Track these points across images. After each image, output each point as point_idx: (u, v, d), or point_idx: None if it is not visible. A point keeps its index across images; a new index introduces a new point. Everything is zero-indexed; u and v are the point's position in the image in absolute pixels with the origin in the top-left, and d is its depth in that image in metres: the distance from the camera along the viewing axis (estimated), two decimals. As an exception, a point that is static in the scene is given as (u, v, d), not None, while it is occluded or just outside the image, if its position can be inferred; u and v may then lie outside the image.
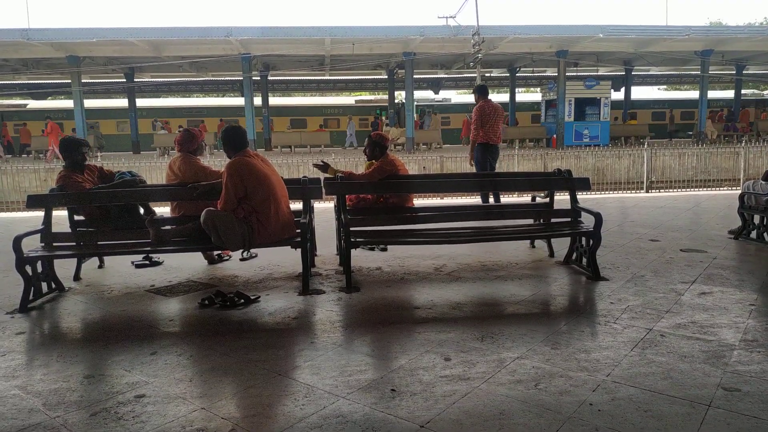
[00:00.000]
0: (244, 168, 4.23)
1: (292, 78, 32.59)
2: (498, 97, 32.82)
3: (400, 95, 29.90)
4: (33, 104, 30.56)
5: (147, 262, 5.29)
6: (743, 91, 31.10)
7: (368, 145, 5.65)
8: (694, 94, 29.51)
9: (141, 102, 28.67)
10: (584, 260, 4.71)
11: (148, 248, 4.39)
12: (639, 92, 33.92)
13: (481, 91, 8.13)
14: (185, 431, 2.31)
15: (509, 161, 15.06)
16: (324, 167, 5.35)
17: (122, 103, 29.53)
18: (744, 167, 14.15)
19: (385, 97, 31.50)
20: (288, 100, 35.31)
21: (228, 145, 4.39)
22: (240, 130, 4.49)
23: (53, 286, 4.43)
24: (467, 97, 34.02)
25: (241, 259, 5.37)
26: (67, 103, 27.57)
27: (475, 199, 8.83)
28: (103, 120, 29.02)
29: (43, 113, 26.58)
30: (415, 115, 23.22)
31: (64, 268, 4.75)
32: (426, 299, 4.04)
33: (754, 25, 45.41)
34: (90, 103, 27.73)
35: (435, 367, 2.87)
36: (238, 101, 31.46)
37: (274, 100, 30.44)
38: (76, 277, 4.82)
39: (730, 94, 31.19)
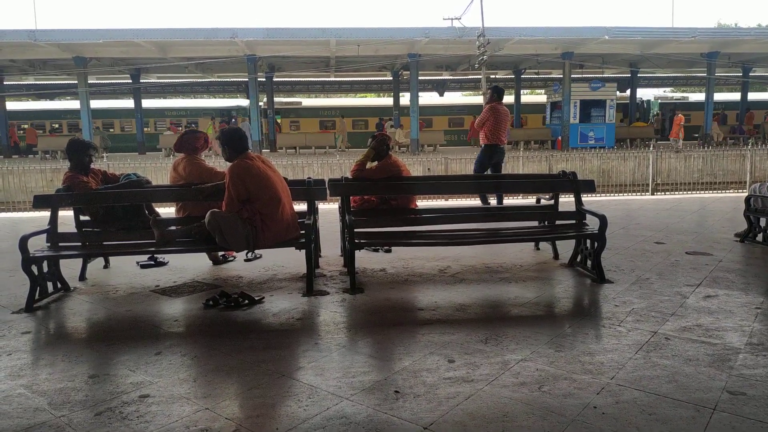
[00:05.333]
0: (245, 171, 4.24)
1: (297, 79, 32.66)
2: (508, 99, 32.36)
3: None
4: (306, 102, 31.87)
5: (152, 262, 5.30)
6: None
7: (374, 145, 5.57)
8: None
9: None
10: (589, 263, 4.69)
11: (153, 249, 4.41)
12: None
13: (498, 92, 8.13)
14: (189, 431, 2.32)
15: (514, 163, 15.04)
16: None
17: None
18: (750, 170, 14.09)
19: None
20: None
21: (227, 147, 4.39)
22: (239, 132, 4.49)
23: (59, 285, 4.45)
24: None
25: (246, 260, 5.38)
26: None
27: (479, 201, 8.82)
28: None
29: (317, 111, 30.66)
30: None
31: (70, 268, 4.77)
32: (430, 301, 4.04)
33: (761, 27, 45.13)
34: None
35: (439, 368, 2.87)
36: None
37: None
38: (82, 277, 4.84)
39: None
